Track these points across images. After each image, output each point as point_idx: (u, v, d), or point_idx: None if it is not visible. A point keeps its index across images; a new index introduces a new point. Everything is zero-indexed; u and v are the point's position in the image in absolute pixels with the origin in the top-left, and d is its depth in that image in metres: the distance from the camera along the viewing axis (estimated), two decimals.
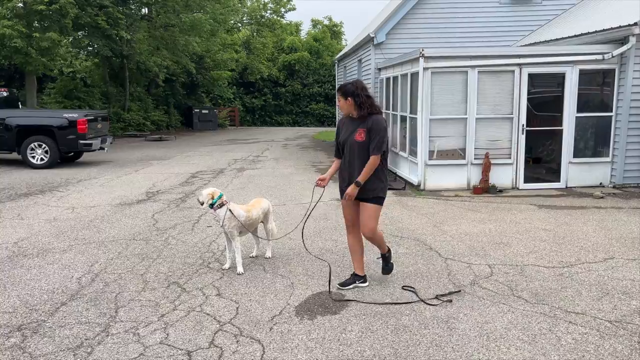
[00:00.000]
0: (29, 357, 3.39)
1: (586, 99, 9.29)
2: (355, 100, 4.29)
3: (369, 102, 4.29)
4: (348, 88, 4.33)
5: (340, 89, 4.40)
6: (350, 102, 4.31)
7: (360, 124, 4.32)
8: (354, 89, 4.31)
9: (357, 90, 4.30)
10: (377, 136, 4.23)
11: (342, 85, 4.39)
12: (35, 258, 5.48)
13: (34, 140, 12.26)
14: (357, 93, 4.29)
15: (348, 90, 4.32)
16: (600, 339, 3.61)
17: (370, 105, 4.29)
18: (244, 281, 4.78)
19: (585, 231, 6.45)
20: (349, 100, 4.32)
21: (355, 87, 4.32)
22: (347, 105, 4.34)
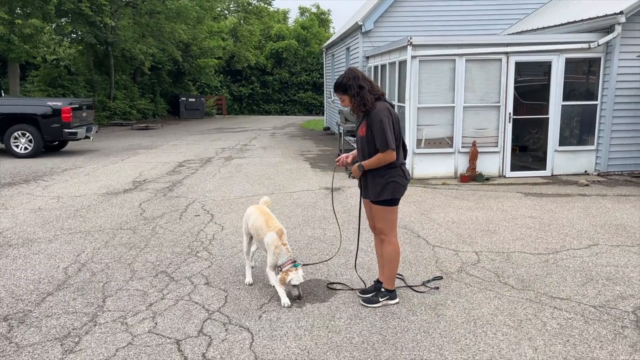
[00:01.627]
0: (16, 347, 3.37)
1: (572, 87, 9.37)
2: (356, 95, 3.81)
3: (361, 95, 3.79)
4: (341, 83, 3.86)
5: (336, 87, 3.92)
6: (350, 97, 3.85)
7: (365, 117, 3.88)
8: (346, 81, 3.83)
9: (349, 81, 3.82)
10: (379, 130, 3.75)
11: (338, 82, 3.90)
12: (21, 248, 5.41)
13: (18, 129, 12.06)
14: (349, 85, 3.81)
15: (341, 85, 3.86)
16: (584, 323, 3.67)
17: (362, 99, 3.79)
18: (233, 270, 4.78)
19: (570, 218, 6.53)
20: (348, 96, 3.86)
21: (347, 78, 3.83)
22: (349, 101, 3.88)
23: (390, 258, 4.01)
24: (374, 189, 3.91)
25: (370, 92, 3.83)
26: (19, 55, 17.62)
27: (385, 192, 3.87)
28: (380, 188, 3.88)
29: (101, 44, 22.45)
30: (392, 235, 4.00)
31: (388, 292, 4.05)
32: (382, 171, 3.86)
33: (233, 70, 34.33)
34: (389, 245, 4.01)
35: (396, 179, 3.88)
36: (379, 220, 3.98)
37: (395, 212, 4.00)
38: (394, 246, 4.01)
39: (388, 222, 3.97)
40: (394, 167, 3.87)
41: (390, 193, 3.88)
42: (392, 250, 4.00)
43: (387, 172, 3.87)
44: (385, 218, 3.95)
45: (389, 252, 4.00)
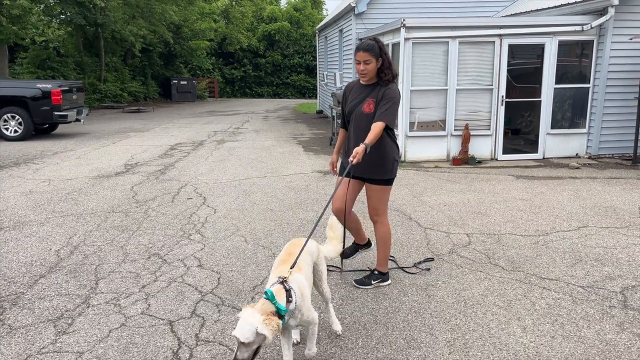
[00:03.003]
0: (9, 328, 3.38)
1: (564, 70, 9.37)
2: (384, 62, 3.62)
3: (390, 63, 3.64)
4: (376, 45, 3.59)
5: (367, 47, 3.58)
6: (379, 63, 3.62)
7: (371, 93, 3.69)
8: (381, 45, 3.60)
9: (384, 47, 3.62)
10: (388, 103, 3.57)
11: (367, 42, 3.60)
12: (12, 231, 5.39)
13: (7, 111, 11.93)
14: (385, 52, 3.60)
15: (377, 48, 3.58)
16: (572, 303, 3.73)
17: (390, 68, 3.64)
18: (225, 252, 4.79)
19: (560, 201, 6.58)
20: (379, 61, 3.61)
21: (381, 44, 3.62)
22: (375, 67, 3.63)
23: (384, 239, 4.00)
24: (380, 167, 3.75)
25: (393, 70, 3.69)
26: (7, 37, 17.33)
27: (390, 171, 3.80)
28: (387, 166, 3.76)
29: (91, 26, 22.12)
30: (384, 216, 3.98)
31: (381, 275, 4.06)
32: (388, 149, 3.73)
33: (225, 52, 34.01)
34: (382, 227, 3.98)
35: (397, 157, 3.85)
36: (376, 201, 3.86)
37: (390, 192, 3.96)
38: (386, 227, 4.00)
39: (383, 202, 3.90)
40: (396, 144, 3.83)
41: (394, 171, 3.83)
42: (385, 232, 3.99)
43: (392, 149, 3.77)
44: (382, 198, 3.87)
45: (383, 234, 3.98)
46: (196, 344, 3.19)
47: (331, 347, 3.16)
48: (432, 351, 3.11)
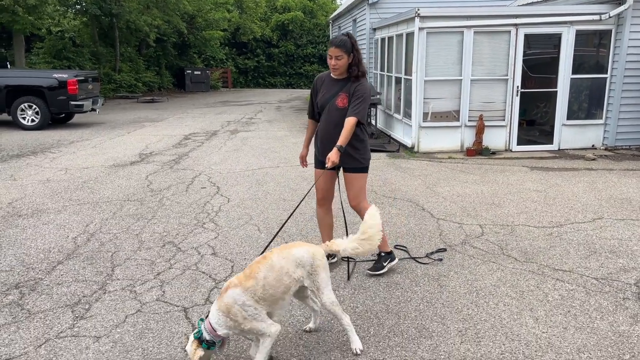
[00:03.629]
0: (27, 313, 3.46)
1: (581, 60, 9.24)
2: (355, 57, 3.74)
3: (360, 59, 3.78)
4: (349, 42, 3.70)
5: (339, 44, 3.69)
6: (350, 58, 3.73)
7: (343, 87, 3.80)
8: (353, 42, 3.74)
9: (356, 44, 3.75)
10: (360, 101, 3.72)
11: (340, 38, 3.71)
12: (30, 218, 5.50)
13: (24, 101, 12.09)
14: (357, 48, 3.74)
15: (349, 45, 3.70)
16: (586, 295, 3.71)
17: (360, 63, 3.77)
18: (239, 241, 4.84)
19: (575, 192, 6.53)
20: (350, 57, 3.73)
21: (354, 40, 3.76)
22: (346, 62, 3.74)
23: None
24: (358, 157, 3.92)
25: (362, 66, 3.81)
26: (24, 27, 17.51)
27: (367, 159, 3.99)
28: (364, 154, 3.96)
29: (106, 16, 22.23)
30: (365, 200, 4.06)
31: (388, 255, 4.12)
32: (362, 136, 3.92)
33: (238, 42, 33.98)
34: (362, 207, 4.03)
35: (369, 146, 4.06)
36: (356, 188, 3.98)
37: (366, 178, 4.08)
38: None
39: (363, 188, 4.03)
40: (367, 133, 4.01)
41: (368, 159, 4.00)
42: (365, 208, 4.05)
43: (365, 138, 3.97)
44: (361, 184, 4.00)
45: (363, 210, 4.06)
46: None
47: (342, 335, 3.18)
48: (443, 340, 3.12)
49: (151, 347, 3.06)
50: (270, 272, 2.78)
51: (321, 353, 3.00)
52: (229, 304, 2.69)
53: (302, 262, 2.88)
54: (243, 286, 2.72)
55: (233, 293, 2.71)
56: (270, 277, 2.77)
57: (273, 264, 2.80)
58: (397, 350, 3.03)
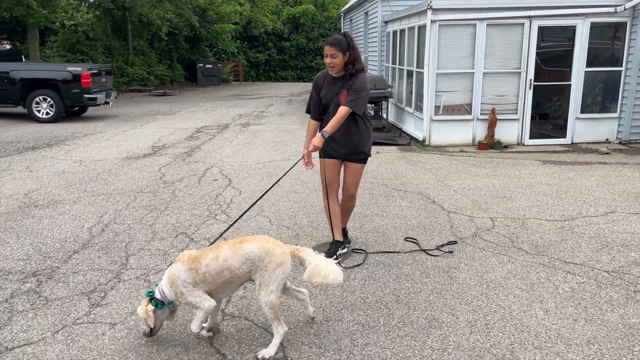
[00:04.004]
0: (45, 300, 3.54)
1: (596, 53, 9.14)
2: (350, 55, 3.86)
3: (357, 57, 3.89)
4: (344, 40, 3.84)
5: (334, 42, 3.83)
6: (346, 57, 3.86)
7: (344, 85, 3.96)
8: (349, 41, 3.85)
9: (352, 42, 3.86)
10: (357, 94, 3.87)
11: (335, 37, 3.87)
12: (46, 209, 5.60)
13: (39, 94, 12.23)
14: (352, 46, 3.85)
15: (344, 43, 3.83)
16: (597, 287, 3.71)
17: (358, 61, 3.89)
18: (250, 232, 4.89)
19: (588, 186, 6.49)
20: (345, 55, 3.86)
21: (349, 39, 3.87)
22: (342, 60, 3.88)
23: (351, 211, 4.47)
24: (363, 146, 4.13)
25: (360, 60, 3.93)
26: (38, 20, 17.68)
27: (369, 150, 4.21)
28: (367, 147, 4.17)
29: (118, 9, 22.37)
30: (357, 190, 4.33)
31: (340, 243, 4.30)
32: (366, 133, 4.12)
33: (250, 36, 34.00)
34: (354, 200, 4.37)
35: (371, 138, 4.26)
36: (356, 176, 4.22)
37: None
38: (355, 202, 4.43)
39: (360, 177, 4.28)
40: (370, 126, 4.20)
41: (370, 151, 4.23)
42: (353, 206, 4.45)
43: (368, 132, 4.17)
44: (360, 174, 4.26)
45: (352, 207, 4.43)
46: (222, 319, 3.29)
47: (353, 324, 3.22)
48: (453, 331, 3.15)
49: (165, 333, 3.12)
50: (214, 262, 2.86)
51: (332, 342, 3.04)
52: (173, 276, 2.90)
53: (250, 258, 2.85)
54: (188, 265, 2.89)
55: (178, 267, 2.90)
56: (211, 267, 2.85)
57: (218, 256, 2.86)
58: (406, 340, 3.06)
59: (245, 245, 2.89)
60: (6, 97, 12.40)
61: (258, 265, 2.86)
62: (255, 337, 3.09)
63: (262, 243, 2.90)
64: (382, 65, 13.08)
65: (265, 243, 2.90)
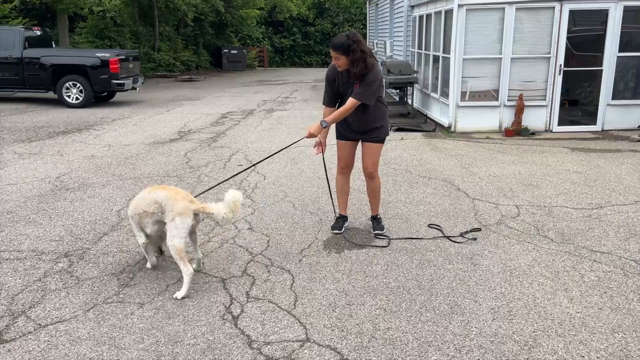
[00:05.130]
0: (77, 280, 3.66)
1: (629, 37, 8.86)
2: (352, 57, 3.92)
3: (362, 58, 3.91)
4: (345, 44, 3.89)
5: (336, 46, 3.93)
6: (349, 58, 3.94)
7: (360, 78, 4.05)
8: (350, 43, 3.88)
9: (353, 44, 3.88)
10: (367, 87, 3.99)
11: (337, 41, 3.95)
12: (77, 192, 5.75)
13: (69, 79, 12.48)
14: (353, 49, 3.89)
15: (345, 47, 3.90)
16: (624, 277, 3.66)
17: (364, 62, 3.93)
18: (275, 217, 4.95)
19: (618, 174, 6.35)
20: (348, 57, 3.93)
21: (351, 40, 3.89)
22: (346, 61, 3.98)
23: (379, 189, 4.58)
24: (379, 130, 4.31)
25: (371, 56, 3.99)
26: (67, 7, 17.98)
27: (387, 131, 4.40)
28: (384, 128, 4.35)
29: None
30: (378, 169, 4.51)
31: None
32: (384, 115, 4.32)
33: (275, 21, 33.91)
34: (377, 180, 4.52)
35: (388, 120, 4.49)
36: (375, 157, 4.40)
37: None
38: (379, 179, 4.58)
39: (379, 157, 4.47)
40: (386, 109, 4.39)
41: (388, 131, 4.45)
42: (380, 184, 4.57)
43: (386, 115, 4.36)
44: (379, 154, 4.43)
45: (378, 185, 4.55)
46: (247, 301, 3.36)
47: (375, 309, 3.25)
48: (475, 317, 3.15)
49: (191, 314, 3.21)
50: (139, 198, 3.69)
51: (353, 325, 3.08)
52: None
53: (157, 202, 3.52)
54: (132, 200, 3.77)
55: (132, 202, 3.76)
56: (135, 201, 3.71)
57: (142, 195, 3.66)
58: (428, 325, 3.08)
59: (157, 192, 3.58)
60: (37, 82, 12.69)
61: (164, 210, 3.48)
62: (279, 319, 3.15)
63: (171, 194, 3.51)
64: (408, 50, 12.93)
65: (175, 194, 3.51)
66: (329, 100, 4.35)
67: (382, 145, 4.42)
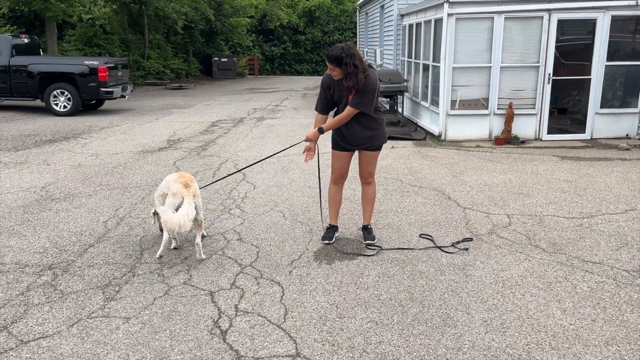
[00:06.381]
0: (60, 294, 3.57)
1: (617, 47, 8.94)
2: (346, 70, 3.93)
3: (355, 73, 3.92)
4: (338, 56, 3.91)
5: (330, 59, 3.96)
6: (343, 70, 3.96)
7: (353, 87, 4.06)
8: (344, 56, 3.90)
9: (346, 58, 3.90)
10: (364, 95, 4.03)
11: (332, 54, 3.95)
12: (63, 202, 5.65)
13: (57, 87, 12.35)
14: (346, 62, 3.90)
15: (338, 59, 3.92)
16: (616, 287, 3.64)
17: (355, 76, 3.93)
18: (264, 227, 4.88)
19: (607, 183, 6.37)
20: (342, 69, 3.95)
21: (345, 54, 3.90)
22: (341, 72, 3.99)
23: (374, 197, 4.58)
24: (377, 138, 4.32)
25: (362, 72, 3.98)
26: (56, 14, 17.83)
27: (384, 138, 4.39)
28: (382, 135, 4.35)
29: (135, 3, 22.49)
30: (374, 176, 4.53)
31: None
32: (381, 122, 4.32)
33: (265, 29, 33.96)
34: (373, 187, 4.54)
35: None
36: (372, 164, 4.43)
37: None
38: (375, 186, 4.59)
39: (376, 164, 4.48)
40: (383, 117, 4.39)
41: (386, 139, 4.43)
42: (375, 191, 4.59)
43: (383, 122, 4.36)
44: (376, 161, 4.45)
45: (374, 192, 4.57)
46: (235, 314, 3.29)
47: (366, 322, 3.20)
48: (468, 330, 3.11)
49: (178, 329, 3.13)
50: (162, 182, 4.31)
51: (345, 339, 3.02)
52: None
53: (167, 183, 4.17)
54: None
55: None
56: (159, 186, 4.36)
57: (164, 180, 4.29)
58: (420, 338, 3.03)
59: (170, 175, 4.24)
60: (25, 90, 12.54)
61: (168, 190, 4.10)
62: (268, 333, 3.08)
63: (175, 177, 4.14)
64: (398, 59, 12.97)
65: (178, 177, 4.12)
66: (321, 107, 4.34)
67: (379, 152, 4.44)
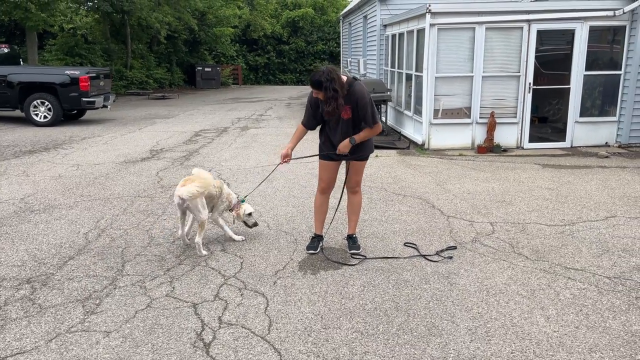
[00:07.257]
0: (39, 308, 3.49)
1: (595, 56, 9.12)
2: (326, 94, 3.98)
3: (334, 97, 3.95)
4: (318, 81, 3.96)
5: (313, 84, 4.03)
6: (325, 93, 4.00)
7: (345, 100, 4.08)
8: (324, 81, 3.94)
9: (326, 82, 3.93)
10: (367, 109, 4.07)
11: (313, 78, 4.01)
12: (42, 214, 5.54)
13: (37, 97, 12.18)
14: (325, 86, 3.95)
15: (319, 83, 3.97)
16: (598, 294, 3.67)
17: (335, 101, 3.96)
18: (248, 238, 4.85)
19: (588, 190, 6.45)
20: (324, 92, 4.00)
21: (325, 78, 3.94)
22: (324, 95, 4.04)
23: (360, 206, 4.61)
24: (366, 146, 4.35)
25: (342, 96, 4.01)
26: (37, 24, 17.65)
27: (372, 149, 4.46)
28: (369, 144, 4.39)
29: (117, 13, 22.35)
30: (361, 186, 4.57)
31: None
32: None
33: (249, 39, 33.98)
34: (360, 196, 4.56)
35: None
36: (360, 174, 4.48)
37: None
38: (361, 196, 4.61)
39: (363, 174, 4.53)
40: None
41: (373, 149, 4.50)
42: (361, 200, 4.61)
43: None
44: (363, 171, 4.51)
45: (360, 201, 4.59)
46: (219, 327, 3.25)
47: (351, 332, 3.18)
48: (453, 339, 3.10)
49: (160, 342, 3.07)
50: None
51: (330, 350, 2.99)
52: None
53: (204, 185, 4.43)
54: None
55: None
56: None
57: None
58: (406, 348, 3.01)
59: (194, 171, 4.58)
60: (4, 100, 12.33)
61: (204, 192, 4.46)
62: (252, 345, 3.04)
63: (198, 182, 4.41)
64: (381, 68, 13.06)
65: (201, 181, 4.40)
66: (307, 121, 4.40)
67: (366, 162, 4.47)
